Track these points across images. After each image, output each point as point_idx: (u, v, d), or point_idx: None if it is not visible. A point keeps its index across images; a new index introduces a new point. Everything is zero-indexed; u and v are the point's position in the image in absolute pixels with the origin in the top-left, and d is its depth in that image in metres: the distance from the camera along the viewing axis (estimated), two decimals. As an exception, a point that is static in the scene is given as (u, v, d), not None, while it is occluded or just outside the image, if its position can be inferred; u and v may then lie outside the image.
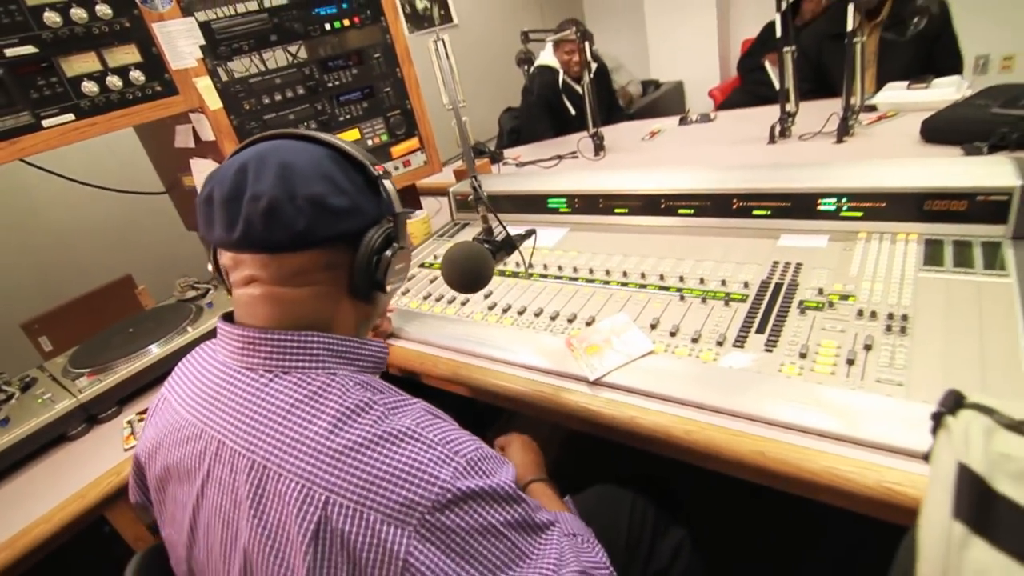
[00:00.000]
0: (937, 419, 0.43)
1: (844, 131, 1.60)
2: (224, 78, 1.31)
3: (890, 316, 0.85)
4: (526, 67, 2.26)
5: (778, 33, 1.66)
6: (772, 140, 1.75)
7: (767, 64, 3.04)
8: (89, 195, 1.58)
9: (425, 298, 1.28)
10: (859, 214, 1.08)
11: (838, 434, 0.70)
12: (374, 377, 0.63)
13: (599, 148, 2.08)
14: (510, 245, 0.95)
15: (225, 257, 0.61)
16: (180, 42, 1.20)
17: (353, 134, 1.53)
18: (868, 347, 0.80)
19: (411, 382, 1.12)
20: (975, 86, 1.60)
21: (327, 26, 1.44)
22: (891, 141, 1.54)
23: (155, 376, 1.21)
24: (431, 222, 1.69)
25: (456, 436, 0.55)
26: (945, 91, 1.66)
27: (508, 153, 2.39)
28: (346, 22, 1.46)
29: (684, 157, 1.89)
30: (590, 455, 1.65)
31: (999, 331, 0.77)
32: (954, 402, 0.43)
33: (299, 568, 0.50)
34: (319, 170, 0.58)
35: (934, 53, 2.08)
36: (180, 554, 0.63)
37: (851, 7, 1.50)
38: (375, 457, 0.51)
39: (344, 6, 1.46)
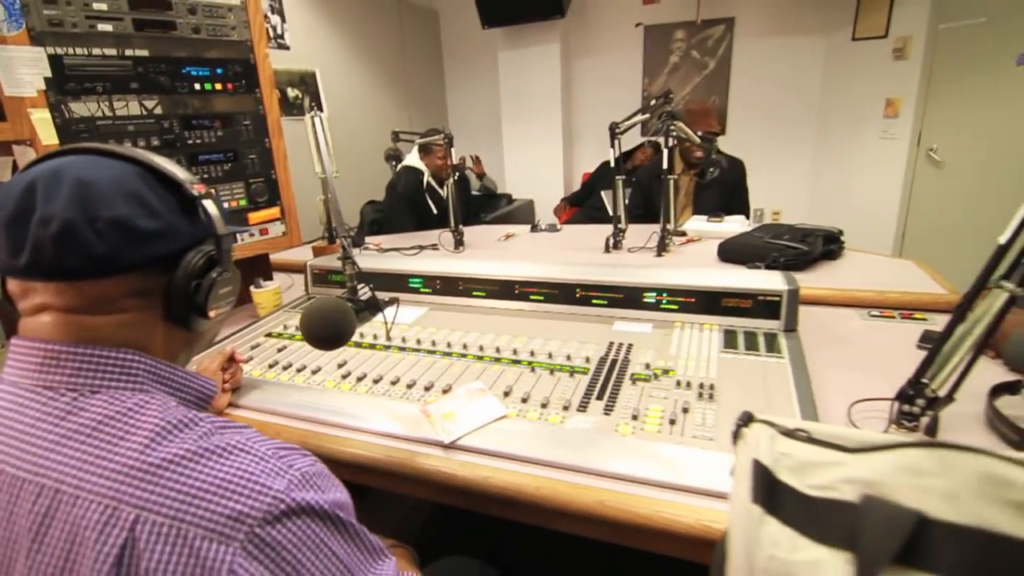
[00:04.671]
0: (736, 432, 0.53)
1: (662, 247, 1.92)
2: (67, 115, 1.21)
3: (701, 386, 1.00)
4: (393, 163, 2.39)
5: (611, 162, 1.98)
6: (607, 250, 2.02)
7: (603, 194, 3.57)
8: None
9: (271, 366, 1.21)
10: (675, 307, 1.29)
11: (664, 482, 0.79)
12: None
13: (459, 243, 2.22)
14: (374, 306, 0.96)
15: (13, 284, 0.54)
16: (21, 69, 1.11)
17: (208, 195, 1.46)
18: (686, 410, 0.93)
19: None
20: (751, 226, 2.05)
21: (196, 86, 1.42)
22: (697, 257, 1.88)
23: None
24: (282, 295, 1.63)
25: (290, 451, 0.52)
26: (733, 225, 2.09)
27: (372, 240, 2.43)
28: (218, 86, 1.46)
29: (534, 256, 2.09)
30: (450, 537, 1.60)
31: (779, 395, 0.95)
32: (747, 419, 0.53)
33: None
34: (124, 189, 0.53)
35: (733, 199, 2.63)
36: None
37: (665, 152, 1.88)
38: (199, 470, 0.46)
39: (219, 71, 1.46)
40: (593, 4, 4.12)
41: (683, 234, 2.14)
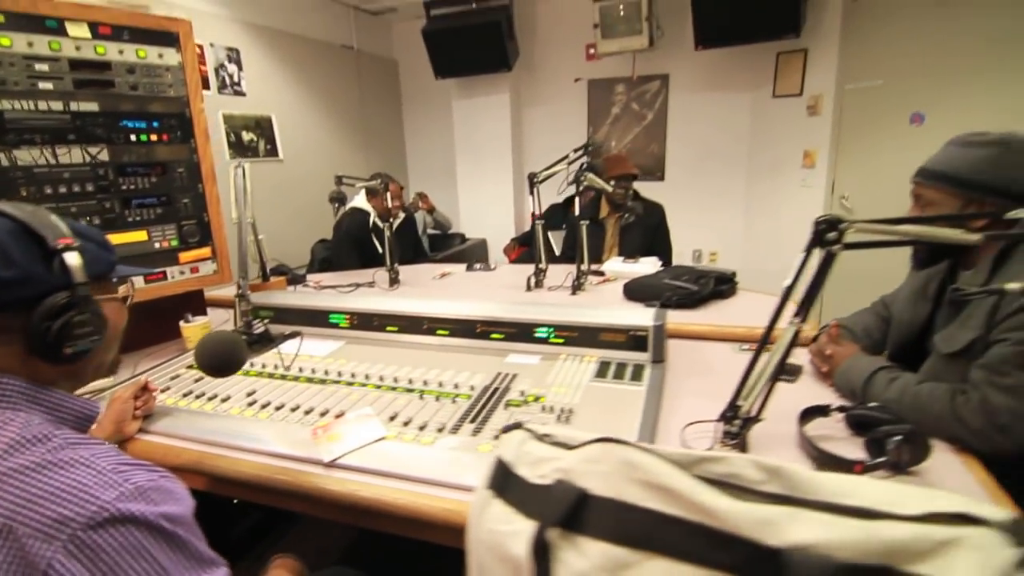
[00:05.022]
0: (497, 436, 0.66)
1: (577, 286, 2.08)
2: (5, 163, 1.33)
3: (563, 410, 1.13)
4: (336, 205, 2.54)
5: (537, 211, 2.15)
6: (529, 288, 2.17)
7: (549, 235, 3.75)
8: None
9: (186, 395, 1.30)
10: (562, 340, 1.43)
11: (504, 491, 0.91)
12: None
13: (395, 281, 2.35)
14: (267, 339, 1.08)
15: None
16: (-41, 123, 1.22)
17: (141, 235, 1.58)
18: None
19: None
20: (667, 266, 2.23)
21: (132, 137, 1.55)
22: (606, 296, 2.04)
23: None
24: (212, 329, 1.72)
25: (134, 467, 0.60)
26: (645, 267, 2.27)
27: (314, 278, 2.55)
28: (153, 137, 1.59)
29: (462, 294, 2.23)
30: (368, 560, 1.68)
31: (627, 417, 1.09)
32: (513, 426, 0.67)
33: None
34: None
35: (655, 240, 2.83)
36: None
37: (577, 200, 2.06)
38: (38, 479, 0.55)
39: (155, 124, 1.59)
40: (540, 59, 4.42)
41: (601, 274, 2.31)
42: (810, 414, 1.11)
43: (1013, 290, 0.90)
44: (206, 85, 3.13)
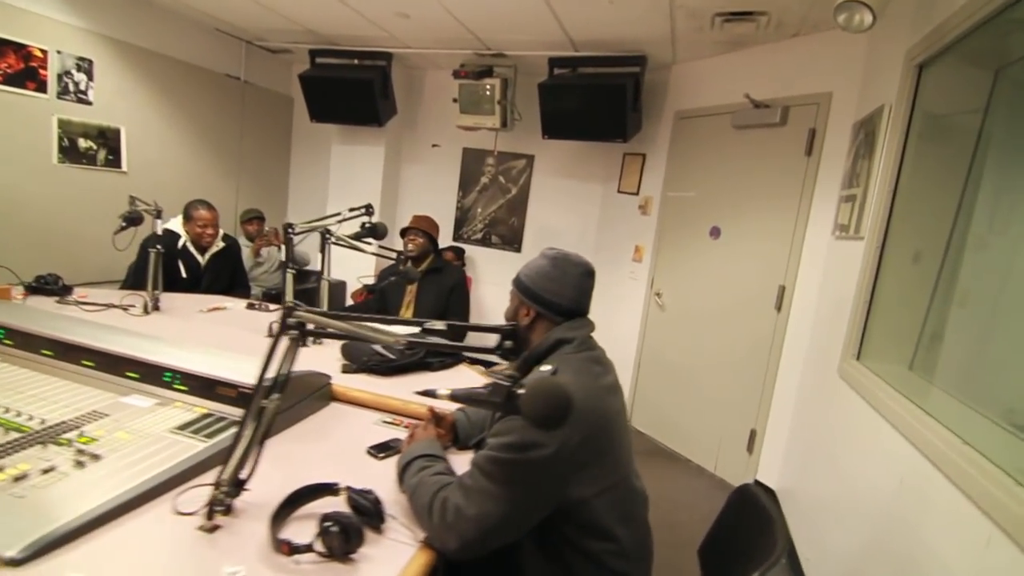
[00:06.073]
0: None
1: (313, 340, 2.12)
2: None
3: (91, 455, 1.15)
4: (124, 224, 2.55)
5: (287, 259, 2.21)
6: (270, 334, 2.20)
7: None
8: None
9: None
10: (185, 388, 1.46)
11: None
12: None
13: (151, 308, 2.35)
14: None
15: None
16: None
17: None
18: (47, 470, 1.08)
19: None
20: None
21: None
22: (333, 352, 2.09)
23: None
24: None
25: None
26: (397, 329, 2.35)
27: (81, 292, 2.52)
28: None
29: (195, 331, 2.25)
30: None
31: (146, 470, 1.12)
32: None
33: None
34: None
35: (449, 300, 2.95)
36: None
37: (320, 256, 2.14)
38: None
39: None
40: (424, 121, 4.66)
41: (356, 331, 2.37)
42: (321, 490, 1.16)
43: (441, 394, 1.00)
44: (43, 88, 3.15)
